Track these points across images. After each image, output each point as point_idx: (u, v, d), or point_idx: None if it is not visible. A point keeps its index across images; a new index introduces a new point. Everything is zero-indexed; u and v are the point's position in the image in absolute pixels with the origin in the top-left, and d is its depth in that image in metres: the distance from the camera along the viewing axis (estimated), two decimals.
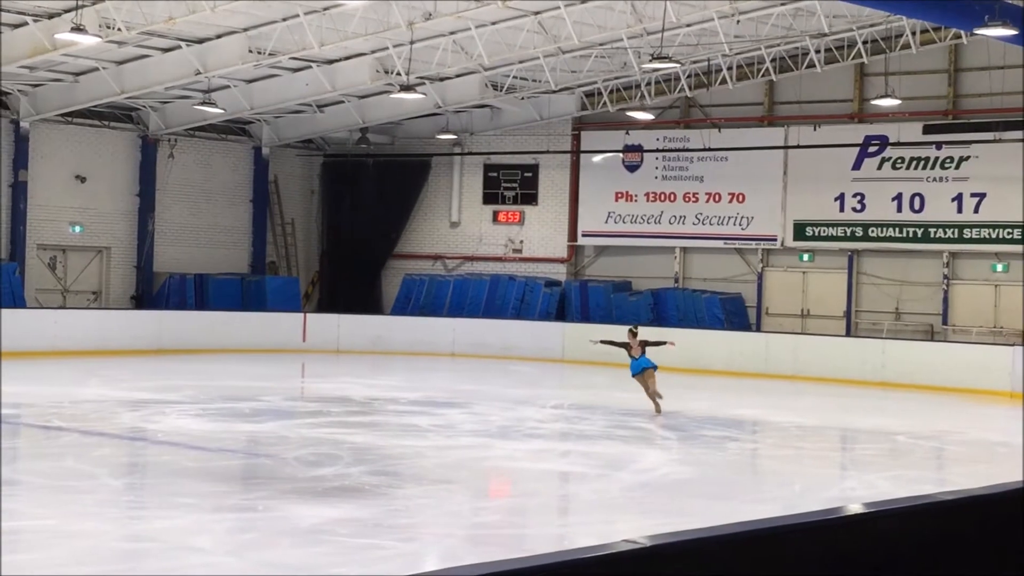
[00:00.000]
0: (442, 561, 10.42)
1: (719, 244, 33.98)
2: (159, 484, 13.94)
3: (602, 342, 21.54)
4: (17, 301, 30.50)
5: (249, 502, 12.87)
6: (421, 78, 30.10)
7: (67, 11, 24.49)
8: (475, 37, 27.20)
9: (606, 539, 4.55)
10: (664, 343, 21.63)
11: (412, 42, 26.96)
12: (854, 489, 15.31)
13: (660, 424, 20.23)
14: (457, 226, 37.30)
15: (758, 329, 32.89)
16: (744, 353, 30.29)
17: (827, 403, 25.43)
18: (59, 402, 20.96)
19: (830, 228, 32.50)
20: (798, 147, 32.57)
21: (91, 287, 33.96)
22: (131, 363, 28.10)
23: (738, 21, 27.23)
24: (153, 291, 34.36)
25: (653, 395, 20.86)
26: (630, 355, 21.16)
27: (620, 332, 31.96)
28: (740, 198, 33.57)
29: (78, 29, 22.86)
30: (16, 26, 26.29)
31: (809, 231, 32.79)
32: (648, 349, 21.12)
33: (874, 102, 30.50)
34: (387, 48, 28.40)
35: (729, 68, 31.08)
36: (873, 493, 14.20)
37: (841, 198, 32.31)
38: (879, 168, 31.89)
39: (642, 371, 21.02)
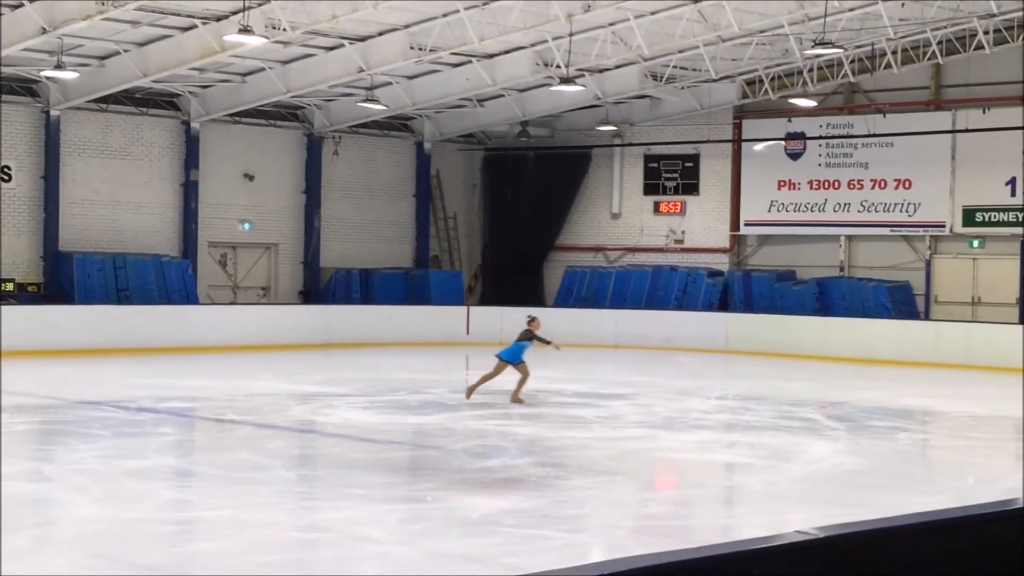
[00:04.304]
0: (609, 552, 10.46)
1: (885, 231, 33.41)
2: (330, 475, 14.22)
3: (538, 340, 20.74)
4: (190, 297, 31.35)
5: (418, 493, 13.06)
6: (580, 70, 30.14)
7: (234, 13, 25.07)
8: (634, 28, 27.13)
9: (775, 531, 4.55)
10: (548, 343, 20.88)
11: (571, 34, 26.99)
12: None
13: (827, 415, 20.00)
14: (618, 217, 37.28)
15: (927, 318, 32.27)
16: (913, 342, 29.76)
17: (1000, 392, 24.83)
18: (233, 396, 21.48)
19: (1001, 213, 31.74)
20: (966, 131, 31.85)
21: (260, 283, 34.72)
22: (300, 357, 28.66)
23: (903, 4, 26.73)
24: (320, 286, 34.99)
25: (520, 383, 20.30)
26: (527, 339, 20.57)
27: (784, 322, 31.82)
28: (906, 184, 32.96)
29: (245, 30, 23.38)
30: (185, 29, 26.99)
31: (979, 217, 32.05)
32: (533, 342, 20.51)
33: None
34: (546, 41, 28.49)
35: (894, 52, 30.49)
36: None
37: (1012, 182, 31.51)
38: None
39: (509, 361, 20.35)
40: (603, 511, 12.38)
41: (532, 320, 21.29)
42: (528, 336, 20.80)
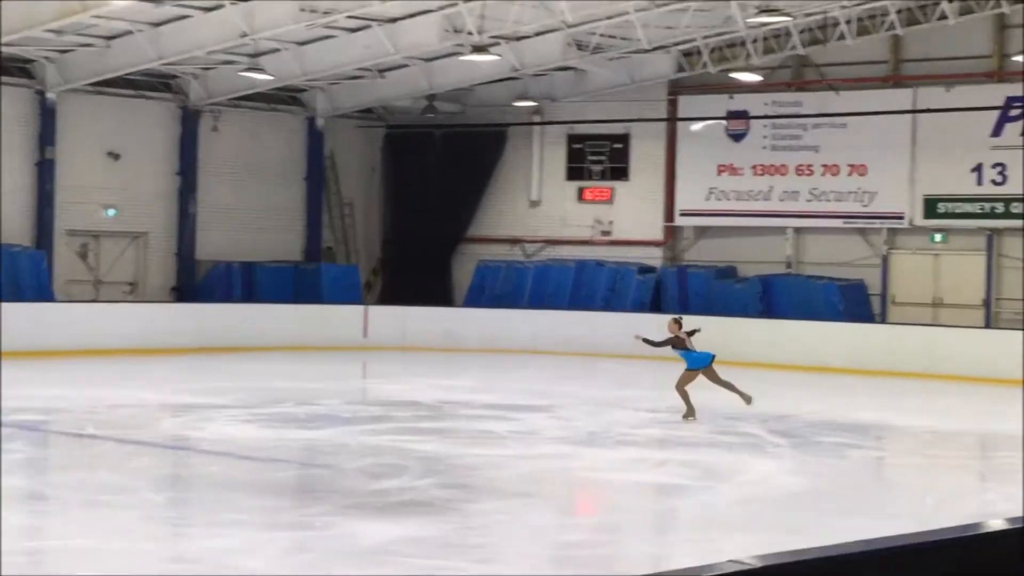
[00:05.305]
0: None
1: (837, 223, 33.73)
2: (205, 499, 14.11)
3: (643, 340, 20.97)
4: (44, 293, 30.97)
5: (305, 519, 13.00)
6: (495, 37, 30.14)
7: None
8: None
9: (709, 560, 4.54)
10: (696, 329, 20.99)
11: None
12: (995, 503, 15.18)
13: (770, 429, 20.13)
14: (537, 205, 37.35)
15: (883, 320, 32.63)
16: (867, 348, 30.06)
17: (964, 404, 25.19)
18: (93, 407, 21.23)
19: (966, 204, 32.16)
20: (928, 111, 32.23)
21: (127, 278, 34.40)
22: (172, 363, 28.44)
23: None
24: (196, 282, 34.73)
25: (729, 386, 20.52)
26: (685, 348, 20.54)
27: (723, 324, 31.99)
28: (861, 170, 33.31)
29: None
30: None
31: (941, 208, 32.46)
32: (692, 339, 20.57)
33: (1016, 58, 30.13)
34: (456, 4, 28.47)
35: (848, 21, 30.81)
36: (1016, 507, 14.06)
37: (979, 169, 31.95)
38: (1023, 134, 31.50)
39: (709, 365, 20.43)
40: (516, 539, 12.39)
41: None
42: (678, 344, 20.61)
